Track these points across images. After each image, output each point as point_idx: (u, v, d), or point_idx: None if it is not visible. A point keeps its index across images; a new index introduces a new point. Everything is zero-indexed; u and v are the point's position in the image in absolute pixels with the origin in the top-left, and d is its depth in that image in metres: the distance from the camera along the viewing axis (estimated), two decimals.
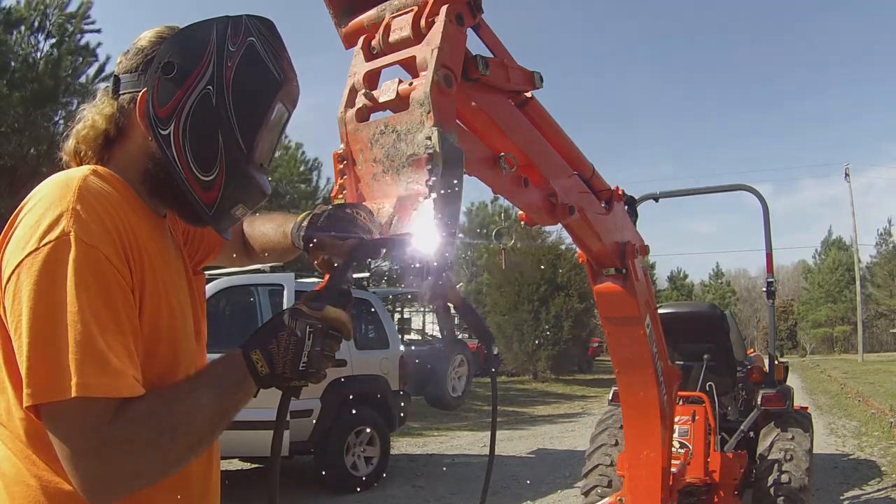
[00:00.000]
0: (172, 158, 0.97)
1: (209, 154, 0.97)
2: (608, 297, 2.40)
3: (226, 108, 0.96)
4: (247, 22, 1.02)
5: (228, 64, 0.97)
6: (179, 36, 1.01)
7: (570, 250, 18.61)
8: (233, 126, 0.97)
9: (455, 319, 1.96)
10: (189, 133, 0.96)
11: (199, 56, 0.97)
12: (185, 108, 0.96)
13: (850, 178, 37.32)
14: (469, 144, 1.37)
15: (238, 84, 0.97)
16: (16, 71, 11.58)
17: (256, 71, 0.99)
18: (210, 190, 0.99)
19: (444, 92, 1.12)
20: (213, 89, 0.96)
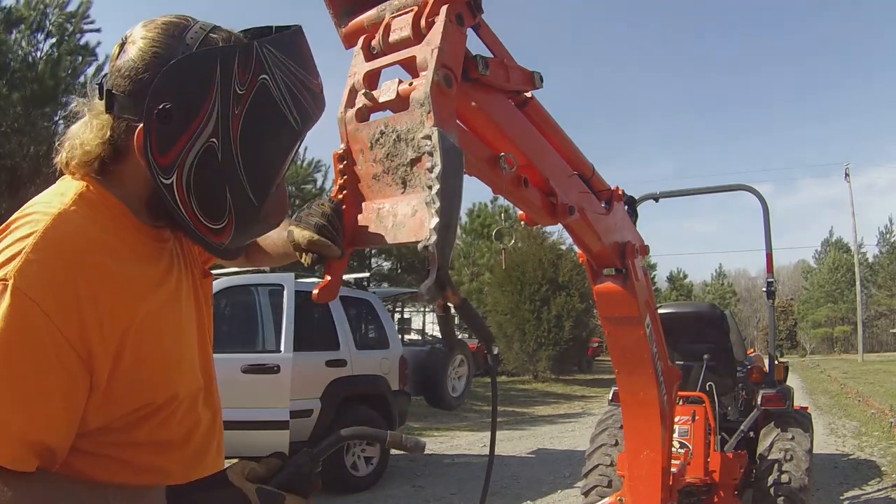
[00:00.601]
0: (176, 206, 0.88)
1: (217, 207, 0.89)
2: (608, 297, 2.39)
3: (234, 164, 0.86)
4: (258, 52, 0.86)
5: (236, 112, 0.85)
6: (177, 71, 0.84)
7: (570, 250, 18.62)
8: (242, 182, 0.88)
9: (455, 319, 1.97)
10: (194, 188, 0.86)
11: (202, 101, 0.84)
12: (188, 162, 0.85)
13: (850, 177, 37.32)
14: (469, 144, 1.37)
15: (247, 136, 0.86)
16: (16, 71, 11.57)
17: (271, 115, 0.87)
18: (220, 235, 0.93)
19: (445, 92, 1.12)
20: (218, 143, 0.85)
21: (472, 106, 1.37)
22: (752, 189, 4.81)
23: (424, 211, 1.06)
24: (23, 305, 0.74)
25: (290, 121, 0.88)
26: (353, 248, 1.25)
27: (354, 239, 1.23)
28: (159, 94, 0.83)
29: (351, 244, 1.24)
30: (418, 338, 15.85)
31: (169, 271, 0.98)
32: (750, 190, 4.83)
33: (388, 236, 1.14)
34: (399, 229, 1.12)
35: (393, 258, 22.53)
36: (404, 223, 1.11)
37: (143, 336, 0.86)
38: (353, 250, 1.26)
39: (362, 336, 6.76)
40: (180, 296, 1.00)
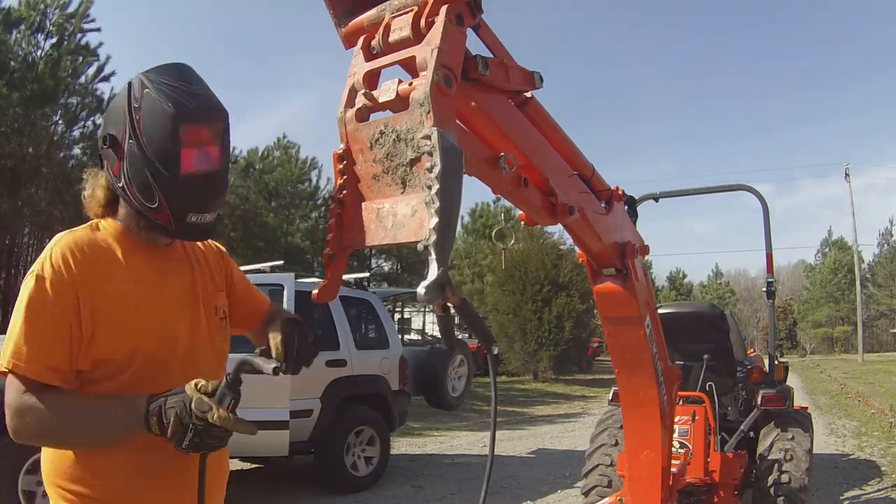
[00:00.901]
0: (130, 201, 1.27)
1: (147, 188, 1.24)
2: (608, 296, 2.39)
3: (144, 151, 1.22)
4: (142, 78, 1.25)
5: (136, 117, 1.22)
6: (109, 109, 1.30)
7: (571, 251, 18.61)
8: (153, 161, 1.22)
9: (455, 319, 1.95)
10: (131, 179, 1.24)
11: (120, 120, 1.24)
12: (124, 164, 1.24)
13: (850, 177, 37.28)
14: (469, 144, 1.37)
15: (147, 128, 1.21)
16: (15, 71, 11.57)
17: (155, 112, 1.21)
18: (161, 212, 1.25)
19: (444, 92, 1.12)
20: (134, 142, 1.22)
21: (472, 106, 1.37)
22: (752, 189, 4.81)
23: (424, 211, 1.06)
24: (38, 283, 1.21)
25: (165, 108, 1.21)
26: (352, 248, 1.25)
27: (354, 239, 1.23)
28: (104, 129, 1.28)
29: (351, 244, 1.24)
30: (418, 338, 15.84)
31: (154, 272, 1.34)
32: (750, 190, 4.83)
33: (387, 236, 1.14)
34: (399, 229, 1.12)
35: (393, 258, 22.54)
36: (404, 223, 1.11)
37: (111, 304, 1.24)
38: (352, 250, 1.26)
39: (362, 336, 6.76)
40: (172, 293, 1.35)
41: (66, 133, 13.11)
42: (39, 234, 13.92)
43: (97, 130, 13.90)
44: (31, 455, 4.06)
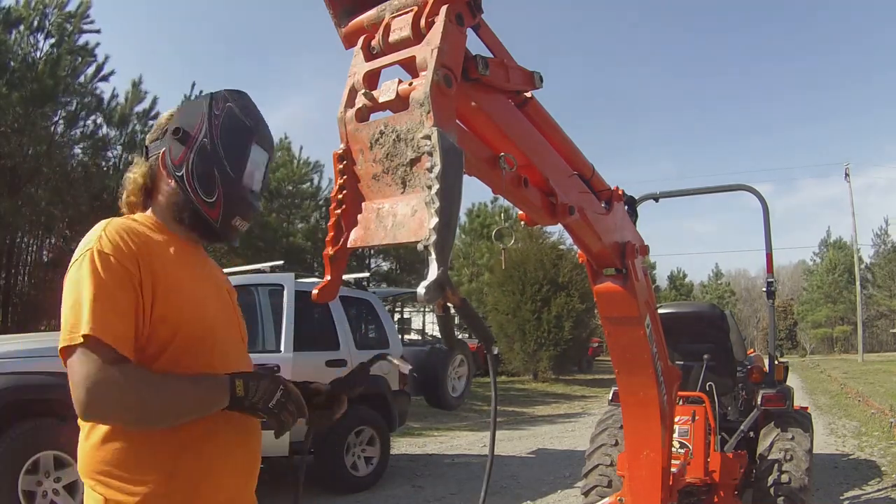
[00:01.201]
0: (185, 189, 1.36)
1: (210, 183, 1.36)
2: (608, 296, 2.39)
3: (216, 150, 1.36)
4: (225, 94, 1.42)
5: (216, 123, 1.37)
6: (183, 109, 1.43)
7: (571, 250, 18.61)
8: (223, 162, 1.36)
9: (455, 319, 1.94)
10: (195, 171, 1.36)
11: (197, 120, 1.38)
12: (191, 156, 1.36)
13: (849, 177, 37.26)
14: (469, 144, 1.37)
15: (223, 133, 1.37)
16: (15, 71, 11.56)
17: (234, 124, 1.39)
18: (214, 208, 1.37)
19: (444, 92, 1.12)
20: (208, 140, 1.36)
21: (472, 106, 1.37)
22: (752, 189, 4.81)
23: (424, 211, 1.06)
24: (101, 257, 1.23)
25: (245, 124, 1.40)
26: (352, 248, 1.25)
27: (354, 239, 1.23)
28: (174, 122, 1.40)
29: (351, 244, 1.24)
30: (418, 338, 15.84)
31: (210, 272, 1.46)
32: (750, 190, 4.83)
33: (387, 236, 1.14)
34: (399, 229, 1.12)
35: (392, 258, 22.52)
36: (404, 223, 1.11)
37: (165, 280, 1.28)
38: (352, 250, 1.26)
39: (362, 336, 6.76)
40: (215, 289, 1.44)
41: (66, 133, 13.10)
42: (39, 234, 13.91)
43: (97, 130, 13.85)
44: (31, 455, 4.06)
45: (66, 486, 4.20)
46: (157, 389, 1.20)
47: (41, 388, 4.23)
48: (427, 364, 7.48)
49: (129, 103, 13.77)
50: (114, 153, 14.11)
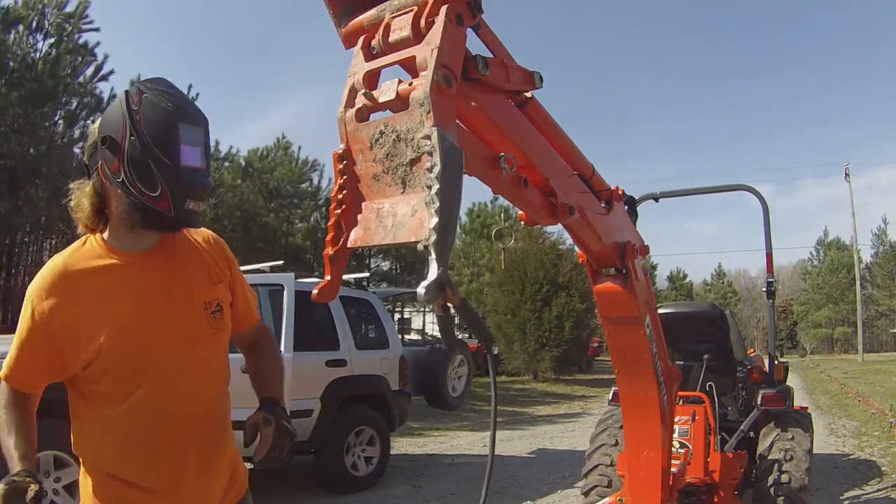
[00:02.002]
0: (130, 192, 1.38)
1: (150, 177, 1.36)
2: (608, 296, 2.39)
3: (146, 145, 1.35)
4: (138, 86, 1.41)
5: (137, 118, 1.36)
6: (105, 117, 1.42)
7: (571, 250, 18.60)
8: (155, 152, 1.35)
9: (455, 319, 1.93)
10: (133, 172, 1.36)
11: (119, 123, 1.37)
12: (125, 158, 1.36)
13: (849, 178, 37.25)
14: (469, 144, 1.37)
15: (147, 126, 1.36)
16: (14, 70, 11.56)
17: (155, 113, 1.37)
18: (162, 200, 1.37)
19: (444, 92, 1.12)
20: (135, 138, 1.36)
21: (472, 106, 1.37)
22: (752, 189, 4.81)
23: (424, 211, 1.06)
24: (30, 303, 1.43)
25: (165, 108, 1.37)
26: (353, 248, 1.25)
27: (354, 239, 1.23)
28: (100, 133, 1.41)
29: (351, 244, 1.24)
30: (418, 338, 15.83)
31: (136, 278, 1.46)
32: (750, 190, 4.82)
33: (387, 236, 1.14)
34: (399, 229, 1.12)
35: (392, 258, 22.53)
36: (404, 223, 1.11)
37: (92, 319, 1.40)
38: (352, 250, 1.26)
39: (362, 336, 6.76)
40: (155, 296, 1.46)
41: (66, 133, 13.11)
42: (39, 234, 13.92)
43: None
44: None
45: (65, 487, 4.20)
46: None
47: None
48: (427, 364, 7.48)
49: None
50: None
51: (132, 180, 1.36)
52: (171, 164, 1.35)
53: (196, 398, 1.49)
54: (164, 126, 1.36)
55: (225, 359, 1.58)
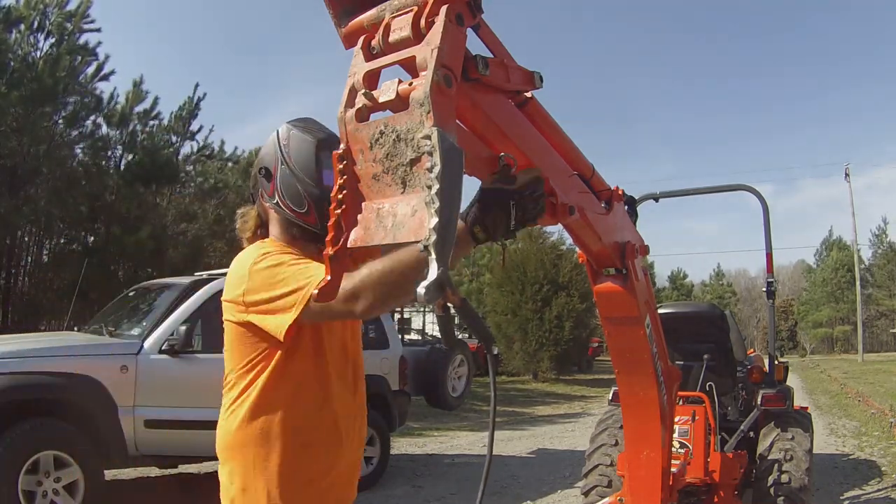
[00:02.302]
0: (283, 211, 1.63)
1: (298, 197, 1.61)
2: (608, 297, 2.39)
3: (293, 170, 1.61)
4: (288, 124, 1.67)
5: (286, 151, 1.63)
6: (262, 152, 1.71)
7: (571, 250, 18.60)
8: (301, 177, 1.60)
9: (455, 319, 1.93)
10: (284, 193, 1.62)
11: (272, 155, 1.65)
12: (278, 184, 1.63)
13: (849, 178, 37.26)
14: (469, 144, 1.37)
15: (295, 154, 1.62)
16: (15, 70, 11.55)
17: (300, 143, 1.63)
18: (309, 215, 1.61)
19: (444, 92, 1.12)
20: (285, 166, 1.62)
21: (472, 106, 1.37)
22: (752, 189, 4.81)
23: (424, 211, 1.06)
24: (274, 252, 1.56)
25: (308, 139, 1.63)
26: (353, 248, 1.25)
27: (354, 239, 1.23)
28: (258, 166, 1.69)
29: (351, 244, 1.24)
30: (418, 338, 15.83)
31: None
32: (750, 190, 4.83)
33: (387, 236, 1.14)
34: (398, 229, 1.12)
35: None
36: (404, 223, 1.11)
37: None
38: (352, 250, 1.26)
39: (362, 336, 6.74)
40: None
41: (66, 133, 13.10)
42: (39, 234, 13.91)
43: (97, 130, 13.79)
44: (31, 455, 4.06)
45: (66, 486, 4.21)
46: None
47: (41, 387, 4.24)
48: (427, 364, 7.48)
49: (129, 103, 13.77)
50: (114, 153, 14.12)
51: (284, 200, 1.61)
52: (314, 185, 1.59)
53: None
54: (308, 154, 1.61)
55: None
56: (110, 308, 6.25)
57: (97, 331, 5.45)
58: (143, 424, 4.57)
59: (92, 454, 4.34)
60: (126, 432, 4.50)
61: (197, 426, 4.70)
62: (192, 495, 5.73)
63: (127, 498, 5.52)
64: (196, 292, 5.16)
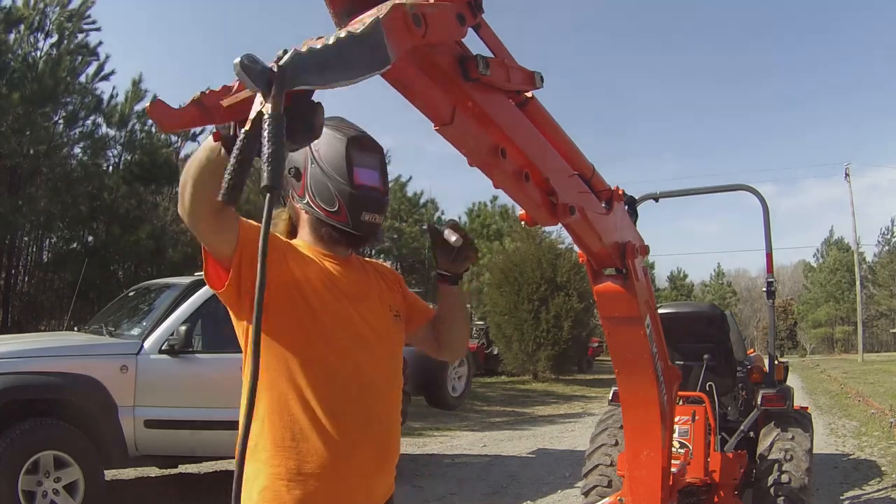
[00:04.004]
0: (314, 210, 1.56)
1: (329, 196, 1.54)
2: (608, 297, 2.39)
3: (324, 169, 1.54)
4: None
5: (316, 149, 1.55)
6: (291, 153, 1.56)
7: (569, 250, 18.59)
8: (331, 175, 1.54)
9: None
10: (315, 193, 1.55)
11: (302, 155, 1.56)
12: (308, 184, 1.56)
13: (850, 178, 37.23)
14: (472, 134, 1.39)
15: (324, 153, 1.55)
16: (15, 70, 11.56)
17: (330, 142, 1.55)
18: (340, 214, 1.54)
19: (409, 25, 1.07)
20: (314, 166, 1.55)
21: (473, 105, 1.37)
22: (752, 189, 4.81)
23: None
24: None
25: (337, 139, 1.56)
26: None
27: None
28: (289, 166, 1.57)
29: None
30: None
31: (353, 283, 1.60)
32: (750, 190, 4.82)
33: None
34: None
35: (393, 258, 22.54)
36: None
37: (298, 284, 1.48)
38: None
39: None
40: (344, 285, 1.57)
41: (66, 133, 13.10)
42: (39, 234, 13.91)
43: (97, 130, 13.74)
44: (31, 455, 4.06)
45: (66, 486, 4.20)
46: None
47: (41, 388, 4.23)
48: (427, 364, 7.47)
49: (129, 102, 13.77)
50: (114, 153, 14.13)
51: (315, 200, 1.56)
52: (344, 183, 1.54)
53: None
54: (338, 153, 1.55)
55: (401, 362, 1.76)
56: (110, 308, 6.25)
57: (97, 331, 5.44)
58: (143, 424, 4.57)
59: (92, 454, 4.33)
60: (126, 432, 4.49)
61: (197, 426, 4.70)
62: (192, 495, 5.73)
63: (127, 498, 5.51)
64: (196, 292, 5.15)
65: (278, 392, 1.45)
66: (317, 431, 1.44)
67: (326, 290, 1.52)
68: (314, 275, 1.52)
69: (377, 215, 1.58)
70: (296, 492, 1.43)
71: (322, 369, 1.47)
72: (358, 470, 1.49)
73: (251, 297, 1.29)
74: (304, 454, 1.44)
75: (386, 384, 1.61)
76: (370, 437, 1.51)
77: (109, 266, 13.02)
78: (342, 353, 1.50)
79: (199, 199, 1.24)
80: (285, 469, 1.43)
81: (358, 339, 1.54)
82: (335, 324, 1.51)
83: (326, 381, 1.47)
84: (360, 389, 1.51)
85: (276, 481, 1.43)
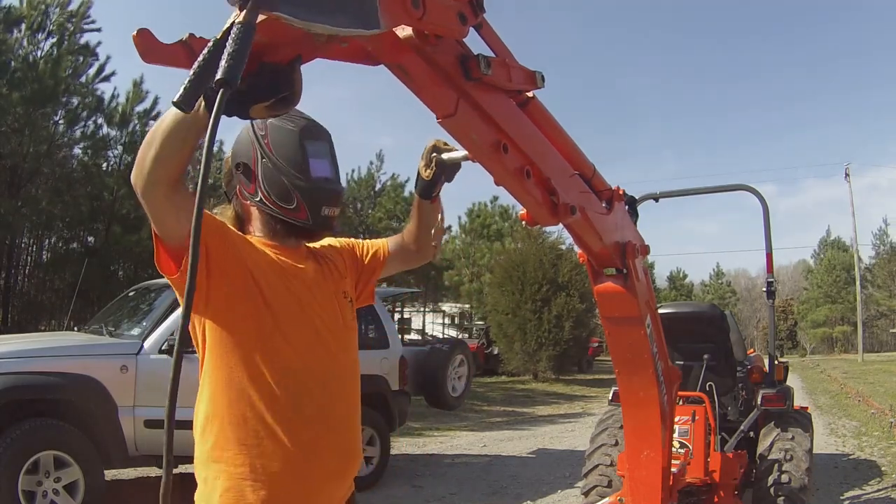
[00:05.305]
0: (269, 208, 1.48)
1: (285, 193, 1.46)
2: (609, 297, 2.39)
3: (277, 164, 1.46)
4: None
5: (265, 142, 1.47)
6: (235, 146, 1.53)
7: (570, 250, 18.59)
8: (286, 169, 1.46)
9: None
10: (269, 190, 1.47)
11: (248, 149, 1.49)
12: (260, 179, 1.47)
13: (849, 178, 37.21)
14: (475, 128, 1.39)
15: (275, 147, 1.47)
16: (16, 70, 11.56)
17: (280, 134, 1.47)
18: (299, 211, 1.47)
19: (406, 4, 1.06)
20: (266, 160, 1.46)
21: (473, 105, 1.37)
22: (752, 189, 4.81)
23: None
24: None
25: (287, 128, 1.48)
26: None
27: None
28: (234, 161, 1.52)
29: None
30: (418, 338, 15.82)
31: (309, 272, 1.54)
32: (750, 190, 4.82)
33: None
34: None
35: None
36: None
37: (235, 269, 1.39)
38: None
39: (362, 336, 6.75)
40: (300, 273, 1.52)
41: (67, 133, 13.10)
42: (39, 234, 13.91)
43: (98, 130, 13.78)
44: (31, 455, 4.06)
45: (66, 486, 4.20)
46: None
47: (41, 388, 4.23)
48: (427, 364, 7.47)
49: (130, 103, 13.77)
50: (114, 153, 14.12)
51: (269, 197, 1.47)
52: (302, 178, 1.46)
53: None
54: (292, 145, 1.47)
55: (356, 352, 1.74)
56: (110, 308, 6.25)
57: (97, 331, 5.44)
58: (143, 424, 4.57)
59: (92, 454, 4.33)
60: (126, 432, 4.49)
61: None
62: (192, 495, 5.72)
63: (127, 498, 5.51)
64: None
65: (238, 389, 1.40)
66: (282, 429, 1.39)
67: (281, 283, 1.46)
68: (269, 268, 1.45)
69: (335, 208, 1.53)
70: (261, 492, 1.37)
71: (281, 363, 1.41)
72: (322, 468, 1.46)
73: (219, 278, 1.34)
74: (270, 453, 1.38)
75: (346, 373, 1.62)
76: (332, 432, 1.50)
77: (109, 266, 13.02)
78: (299, 346, 1.45)
79: (164, 162, 1.13)
80: (249, 469, 1.38)
81: (314, 333, 1.49)
82: (291, 318, 1.45)
83: (286, 375, 1.41)
84: (319, 383, 1.48)
85: (239, 482, 1.38)
